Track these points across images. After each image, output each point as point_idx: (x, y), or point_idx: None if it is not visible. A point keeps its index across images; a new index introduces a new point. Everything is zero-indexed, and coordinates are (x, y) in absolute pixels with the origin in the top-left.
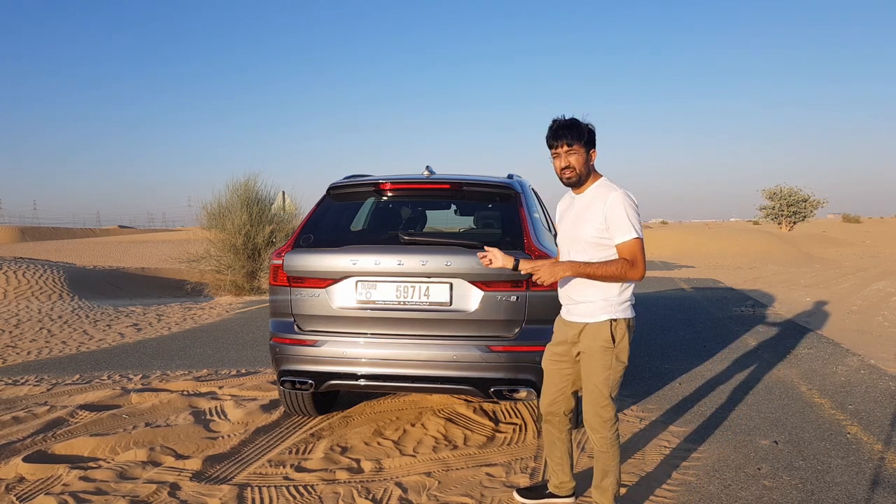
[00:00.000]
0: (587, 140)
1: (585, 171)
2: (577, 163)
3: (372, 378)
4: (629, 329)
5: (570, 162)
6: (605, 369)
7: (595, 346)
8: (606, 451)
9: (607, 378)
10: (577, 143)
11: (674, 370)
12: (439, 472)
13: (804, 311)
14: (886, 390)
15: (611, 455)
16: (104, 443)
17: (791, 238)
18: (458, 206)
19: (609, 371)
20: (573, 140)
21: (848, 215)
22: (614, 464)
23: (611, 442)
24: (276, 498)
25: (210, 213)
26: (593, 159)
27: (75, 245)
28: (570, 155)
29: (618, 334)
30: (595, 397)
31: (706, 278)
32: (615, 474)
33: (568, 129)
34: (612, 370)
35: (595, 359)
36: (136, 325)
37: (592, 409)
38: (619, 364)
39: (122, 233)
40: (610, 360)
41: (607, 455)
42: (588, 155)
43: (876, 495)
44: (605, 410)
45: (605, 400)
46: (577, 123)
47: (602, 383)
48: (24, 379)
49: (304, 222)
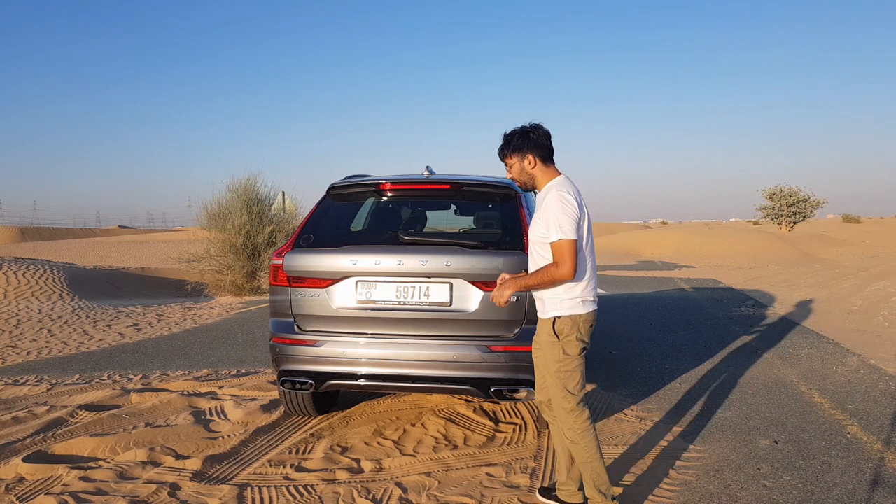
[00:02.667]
0: (515, 148)
1: (527, 176)
2: (516, 173)
3: (372, 378)
4: (577, 324)
5: (512, 174)
6: (554, 362)
7: (544, 341)
8: (577, 442)
9: (558, 370)
10: (509, 156)
11: (674, 370)
12: (439, 472)
13: (804, 311)
14: (886, 390)
15: (583, 447)
16: (104, 443)
17: (791, 238)
18: (458, 206)
19: (558, 364)
20: (505, 155)
21: (848, 215)
22: (590, 455)
23: (580, 433)
24: (276, 498)
25: (210, 213)
26: (533, 163)
27: (75, 245)
28: (511, 168)
29: (562, 330)
30: (553, 389)
31: (706, 278)
32: (594, 466)
33: (501, 147)
34: (561, 363)
35: (545, 352)
36: (136, 325)
37: (555, 400)
38: (568, 357)
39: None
40: (557, 354)
41: (579, 447)
42: (524, 162)
43: (876, 495)
44: (565, 401)
45: (563, 391)
46: (508, 138)
47: (555, 375)
48: (24, 379)
49: (305, 222)
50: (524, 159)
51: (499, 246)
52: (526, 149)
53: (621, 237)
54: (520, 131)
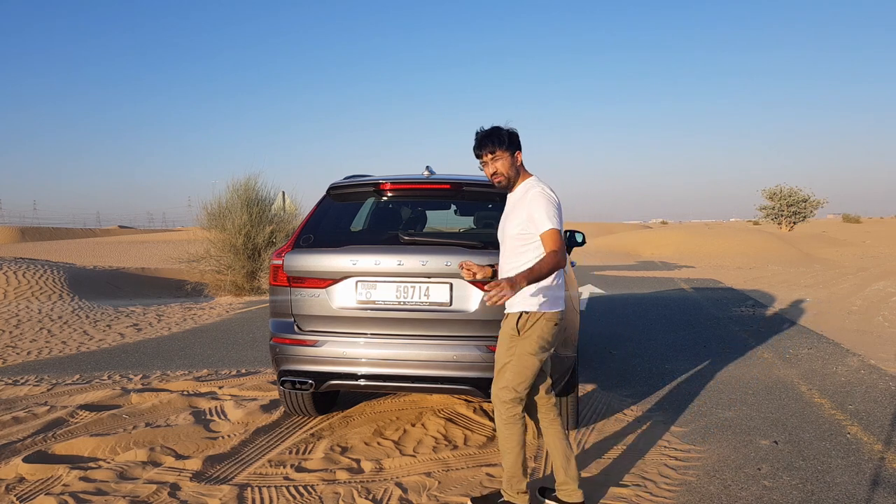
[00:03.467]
0: (509, 144)
1: (513, 173)
2: (503, 167)
3: (372, 378)
4: (543, 322)
5: (497, 168)
6: (509, 356)
7: (505, 333)
8: (500, 430)
9: (513, 364)
10: (499, 149)
11: (674, 370)
12: (439, 472)
13: (804, 311)
14: (886, 390)
15: (504, 437)
16: (104, 443)
17: (791, 238)
18: (458, 206)
19: (512, 358)
20: (495, 147)
21: (848, 215)
22: (509, 446)
23: (504, 422)
24: (276, 498)
25: (210, 213)
26: (519, 161)
27: (75, 245)
28: (496, 161)
29: (524, 325)
30: (498, 377)
31: (706, 278)
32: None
33: (489, 137)
34: (517, 358)
35: (503, 344)
36: (136, 325)
37: (495, 384)
38: (526, 355)
39: (122, 233)
40: (514, 349)
41: (502, 436)
42: (513, 158)
43: (876, 495)
44: (503, 392)
45: (504, 381)
46: (498, 130)
47: (507, 367)
48: (24, 379)
49: (305, 222)
50: (514, 155)
51: (498, 246)
52: (516, 146)
53: (621, 237)
54: (508, 129)
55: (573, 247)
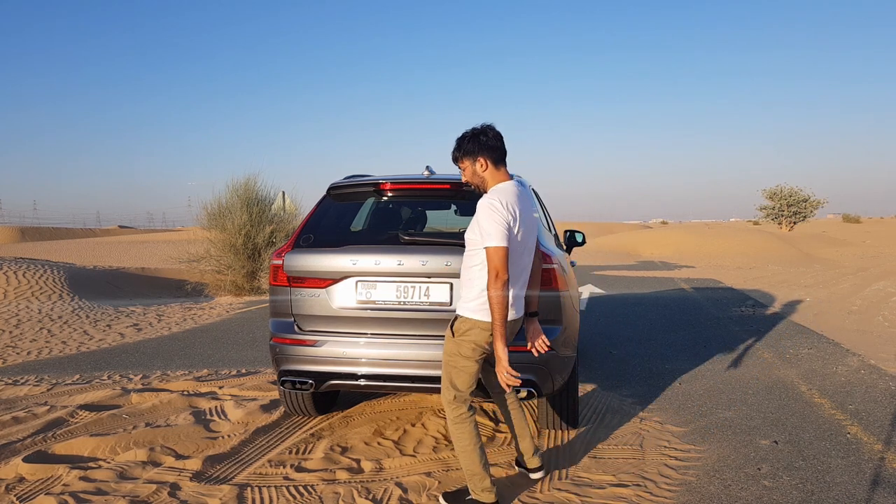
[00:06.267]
0: (467, 151)
1: (479, 179)
2: (469, 175)
3: (372, 378)
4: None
5: (466, 177)
6: (446, 354)
7: (446, 334)
8: (450, 429)
9: (447, 362)
10: (461, 160)
11: (674, 370)
12: (439, 472)
13: (804, 311)
14: (886, 390)
15: (454, 436)
16: (104, 443)
17: (791, 238)
18: (459, 206)
19: (448, 356)
20: (457, 158)
21: (848, 215)
22: (462, 446)
23: (451, 421)
24: (276, 498)
25: (210, 213)
26: (485, 166)
27: (75, 245)
28: (464, 171)
29: (459, 329)
30: (442, 377)
31: (706, 278)
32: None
33: (454, 150)
34: (450, 357)
35: (445, 343)
36: (136, 325)
37: (443, 385)
38: (458, 357)
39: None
40: (449, 348)
41: (453, 435)
42: (475, 165)
43: (876, 495)
44: (445, 391)
45: (447, 382)
46: (458, 141)
47: (444, 365)
48: (24, 379)
49: (304, 222)
50: (475, 162)
51: None
52: (477, 152)
53: (621, 237)
54: (470, 134)
55: (573, 247)
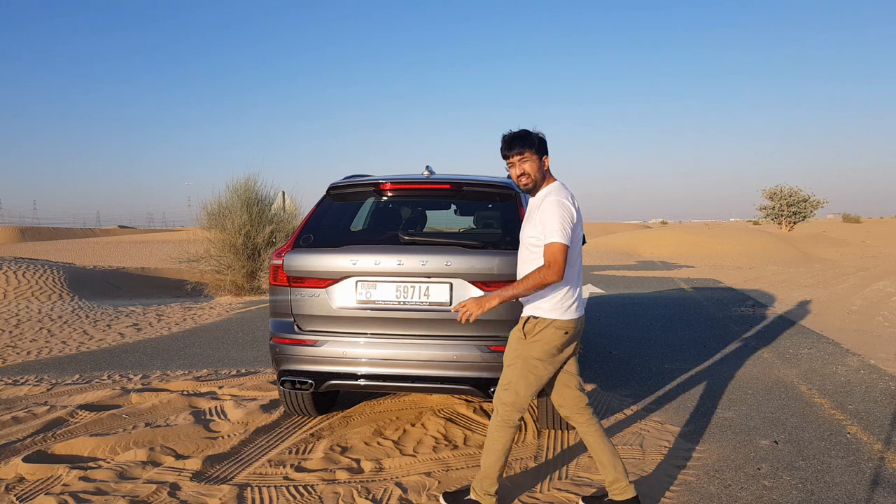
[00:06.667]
0: (538, 147)
1: (540, 176)
2: (531, 169)
3: (372, 378)
4: (551, 330)
5: (525, 169)
6: (514, 357)
7: (513, 336)
8: (491, 430)
9: (517, 367)
10: (528, 150)
11: (674, 370)
12: (439, 472)
13: (804, 311)
14: (886, 390)
15: (492, 438)
16: (104, 443)
17: (791, 238)
18: (458, 206)
19: (518, 360)
20: (524, 148)
21: (848, 215)
22: (492, 448)
23: (497, 424)
24: (276, 498)
25: (210, 213)
26: (546, 165)
27: (75, 245)
28: (524, 162)
29: (531, 331)
30: (502, 377)
31: (706, 278)
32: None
33: (519, 139)
34: (521, 360)
35: (510, 345)
36: (136, 325)
37: (499, 384)
38: (531, 360)
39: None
40: (519, 351)
41: (491, 436)
42: (541, 161)
43: (876, 495)
44: (504, 393)
45: (506, 381)
46: (528, 133)
47: (509, 367)
48: (24, 379)
49: (304, 222)
50: (542, 159)
51: (498, 246)
52: (544, 151)
53: (621, 237)
54: (537, 134)
55: None
